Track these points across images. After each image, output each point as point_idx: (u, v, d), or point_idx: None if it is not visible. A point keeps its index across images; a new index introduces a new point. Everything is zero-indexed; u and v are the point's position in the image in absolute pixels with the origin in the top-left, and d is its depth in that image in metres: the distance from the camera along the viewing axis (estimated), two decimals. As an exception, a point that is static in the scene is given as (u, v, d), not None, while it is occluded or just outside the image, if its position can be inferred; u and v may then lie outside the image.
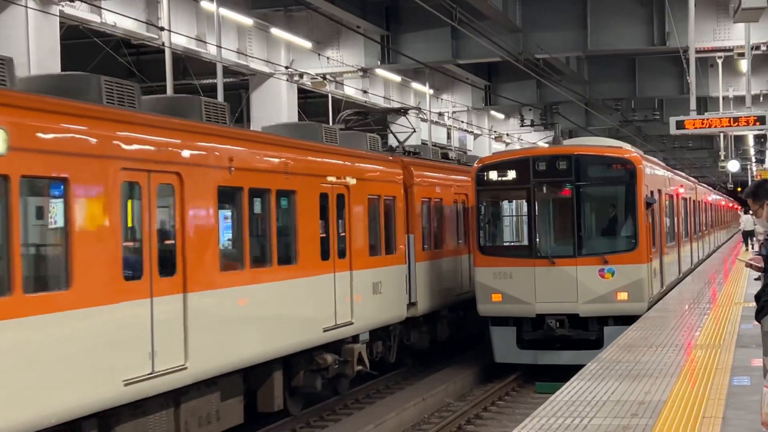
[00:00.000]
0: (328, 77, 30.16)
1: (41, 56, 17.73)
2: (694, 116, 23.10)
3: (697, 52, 24.78)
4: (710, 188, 57.46)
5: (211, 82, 27.13)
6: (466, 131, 44.19)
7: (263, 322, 14.46)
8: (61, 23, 19.23)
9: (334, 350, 17.08)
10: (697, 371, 12.59)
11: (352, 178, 17.83)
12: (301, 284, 15.62)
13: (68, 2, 19.15)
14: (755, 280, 20.68)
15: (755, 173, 60.74)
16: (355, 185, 17.89)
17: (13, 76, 10.53)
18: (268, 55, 28.03)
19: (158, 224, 12.13)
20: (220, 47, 23.06)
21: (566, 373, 15.06)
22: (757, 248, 32.07)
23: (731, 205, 78.10)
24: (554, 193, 20.96)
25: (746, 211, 54.58)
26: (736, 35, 27.17)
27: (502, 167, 21.16)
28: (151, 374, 11.62)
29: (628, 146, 22.84)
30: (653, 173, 23.40)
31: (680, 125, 22.85)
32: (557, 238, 21.09)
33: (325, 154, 17.18)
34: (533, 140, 49.40)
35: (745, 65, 27.45)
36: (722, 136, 43.18)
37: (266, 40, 27.80)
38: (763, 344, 8.74)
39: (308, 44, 27.78)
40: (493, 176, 21.15)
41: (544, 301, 20.17)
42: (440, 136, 41.45)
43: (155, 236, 11.98)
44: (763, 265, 9.22)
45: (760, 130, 25.64)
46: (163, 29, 21.26)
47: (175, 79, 23.18)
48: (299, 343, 15.67)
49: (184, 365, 12.26)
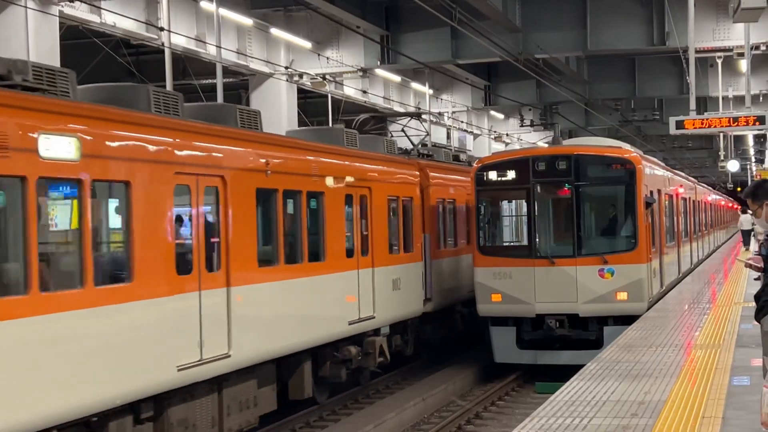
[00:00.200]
0: (327, 77, 30.16)
1: (41, 56, 17.70)
2: (693, 116, 23.10)
3: (696, 52, 24.78)
4: (710, 188, 57.47)
5: (210, 82, 27.13)
6: (465, 131, 44.19)
7: (295, 315, 15.48)
8: (60, 23, 19.23)
9: (357, 342, 18.06)
10: (696, 371, 12.60)
11: (373, 180, 18.95)
12: (328, 280, 16.71)
13: (68, 2, 19.16)
14: (755, 279, 20.68)
15: (755, 173, 60.72)
16: (376, 187, 18.98)
17: (75, 88, 11.48)
18: (267, 55, 28.02)
19: (205, 223, 13.21)
20: (219, 47, 23.06)
21: (566, 373, 15.06)
22: (756, 248, 32.09)
23: (731, 205, 78.09)
24: (554, 193, 20.97)
25: (744, 210, 54.63)
26: (735, 35, 27.17)
27: (501, 167, 21.17)
28: (199, 361, 12.63)
29: (627, 146, 22.85)
30: (653, 173, 23.40)
31: (680, 125, 22.85)
32: (557, 238, 21.08)
33: (349, 157, 18.30)
34: (533, 140, 49.40)
35: (744, 65, 27.45)
36: (722, 136, 43.17)
37: (266, 40, 27.80)
38: (762, 344, 8.73)
39: (308, 44, 27.78)
40: (492, 176, 21.16)
41: (543, 301, 20.18)
42: (440, 136, 41.45)
43: (203, 234, 13.05)
44: (762, 265, 9.22)
45: (759, 130, 25.64)
46: (162, 29, 21.25)
47: (174, 79, 23.16)
48: (327, 335, 16.71)
49: (227, 353, 13.25)
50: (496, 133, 46.89)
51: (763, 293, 8.58)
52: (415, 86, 36.86)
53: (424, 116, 31.59)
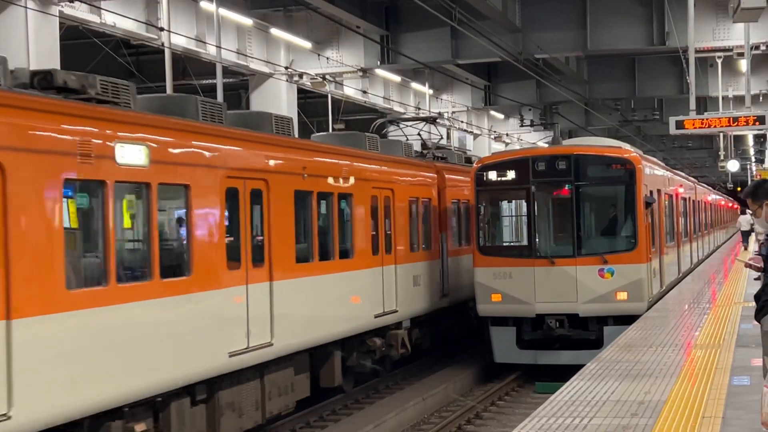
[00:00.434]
0: (327, 77, 30.15)
1: (41, 57, 17.72)
2: (693, 116, 23.11)
3: (696, 52, 24.78)
4: (710, 188, 57.46)
5: (210, 82, 27.13)
6: (465, 131, 44.18)
7: (327, 308, 16.63)
8: (60, 23, 19.22)
9: (381, 335, 19.24)
10: (696, 371, 12.60)
11: (395, 182, 20.18)
12: (356, 276, 17.95)
13: (68, 2, 19.15)
14: (755, 279, 20.70)
15: (755, 173, 60.70)
16: (398, 188, 20.22)
17: (135, 99, 12.43)
18: (267, 55, 28.02)
19: (251, 222, 14.31)
20: (219, 47, 23.06)
21: (566, 373, 15.06)
22: (756, 248, 32.10)
23: (731, 204, 78.08)
24: (554, 193, 20.97)
25: (743, 211, 54.61)
26: (735, 35, 27.17)
27: (501, 167, 21.17)
28: (246, 349, 13.76)
29: (627, 146, 22.84)
30: (653, 173, 23.40)
31: (680, 125, 22.86)
32: (557, 238, 21.08)
33: (374, 161, 19.43)
34: (533, 140, 49.39)
35: (744, 65, 27.46)
36: (722, 135, 43.15)
37: (266, 40, 27.80)
38: (762, 344, 8.74)
39: (308, 44, 27.78)
40: (492, 176, 21.16)
41: (543, 301, 20.18)
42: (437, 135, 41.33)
43: (249, 232, 14.15)
44: (762, 265, 9.22)
45: (759, 129, 25.64)
46: (162, 29, 21.25)
47: (174, 79, 23.16)
48: (355, 327, 17.90)
49: (270, 342, 14.40)
50: (496, 133, 46.87)
51: (763, 293, 8.58)
52: (415, 86, 36.85)
53: (438, 120, 32.13)
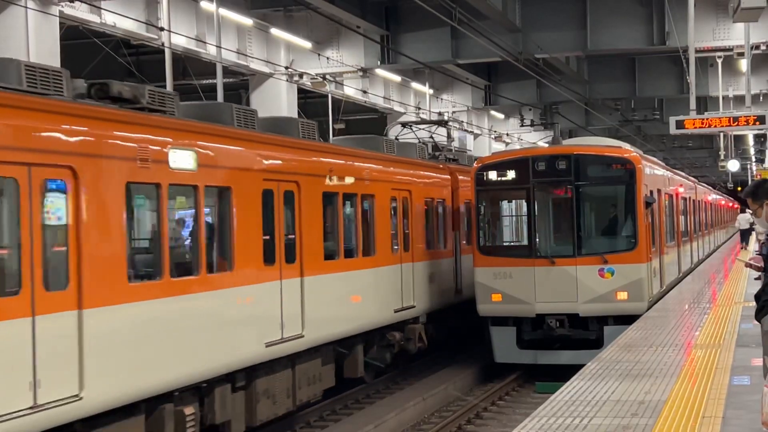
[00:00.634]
0: (327, 77, 30.16)
1: (41, 57, 17.70)
2: (693, 116, 23.11)
3: (696, 51, 24.78)
4: (710, 188, 57.44)
5: (210, 82, 27.13)
6: (466, 131, 44.18)
7: (351, 303, 17.62)
8: (60, 24, 19.22)
9: (399, 329, 20.17)
10: (697, 371, 12.60)
11: (413, 183, 21.14)
12: (378, 273, 18.92)
13: (68, 3, 19.15)
14: (755, 279, 20.68)
15: (755, 173, 60.68)
16: (415, 190, 21.16)
17: (179, 107, 13.23)
18: (267, 55, 28.02)
19: (284, 222, 15.17)
20: (219, 47, 23.07)
21: (566, 372, 15.06)
22: (756, 248, 32.08)
23: (731, 204, 78.07)
24: (554, 192, 20.96)
25: (743, 210, 54.58)
26: (735, 35, 27.17)
27: (501, 167, 21.16)
28: (281, 339, 14.69)
29: (627, 146, 22.83)
30: (653, 173, 23.39)
31: (680, 125, 22.86)
32: (557, 237, 21.07)
33: (394, 163, 20.44)
34: (533, 140, 49.39)
35: (744, 65, 27.45)
36: (722, 135, 43.15)
37: (266, 40, 27.80)
38: (763, 344, 8.74)
39: (308, 44, 27.78)
40: (492, 176, 21.15)
41: (543, 300, 20.17)
42: (440, 136, 41.35)
43: (282, 231, 15.05)
44: (762, 264, 9.22)
45: (759, 129, 25.64)
46: (162, 29, 21.26)
47: (174, 79, 23.17)
48: (377, 321, 18.86)
49: (301, 334, 15.33)
50: (496, 132, 46.88)
51: (763, 293, 8.58)
52: (415, 86, 36.85)
53: (450, 123, 32.60)
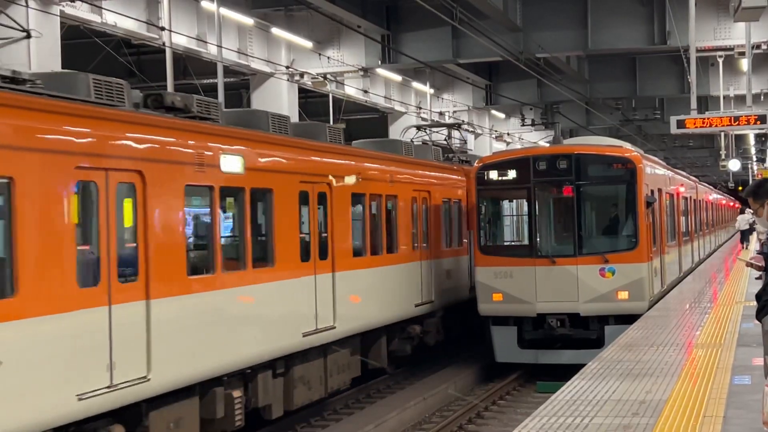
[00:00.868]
0: (328, 77, 30.15)
1: (42, 56, 17.71)
2: (694, 115, 23.09)
3: (697, 51, 24.76)
4: (711, 187, 57.41)
5: (211, 81, 27.12)
6: (467, 131, 44.15)
7: (377, 297, 18.60)
8: (61, 23, 19.21)
9: (419, 322, 21.07)
10: (698, 370, 12.60)
11: (432, 184, 22.10)
12: (400, 269, 19.95)
13: (69, 2, 19.14)
14: (756, 279, 20.64)
15: (756, 172, 60.71)
16: (434, 190, 22.11)
17: (222, 114, 14.19)
18: (268, 54, 28.02)
19: (319, 221, 16.23)
20: (220, 47, 23.06)
21: (567, 372, 15.07)
22: (757, 247, 32.07)
23: (732, 204, 78.05)
24: (555, 192, 20.95)
25: (742, 210, 54.53)
26: (736, 34, 27.15)
27: (502, 167, 21.16)
28: (315, 330, 15.78)
29: (628, 145, 22.84)
30: (653, 172, 23.39)
31: (681, 124, 22.83)
32: (558, 237, 21.07)
33: (414, 165, 21.47)
34: (534, 139, 49.38)
35: (745, 64, 27.43)
36: (723, 135, 43.10)
37: (267, 39, 27.79)
38: (763, 343, 8.74)
39: (309, 44, 27.77)
40: (493, 176, 21.15)
41: (544, 300, 20.17)
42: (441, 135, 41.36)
43: (316, 230, 16.11)
44: (763, 264, 9.21)
45: (760, 129, 25.61)
46: (163, 29, 21.25)
47: (175, 79, 23.15)
48: (399, 314, 19.83)
49: (333, 325, 16.42)
50: (497, 132, 46.87)
51: (764, 292, 8.58)
52: (416, 86, 36.84)
53: (463, 126, 33.06)
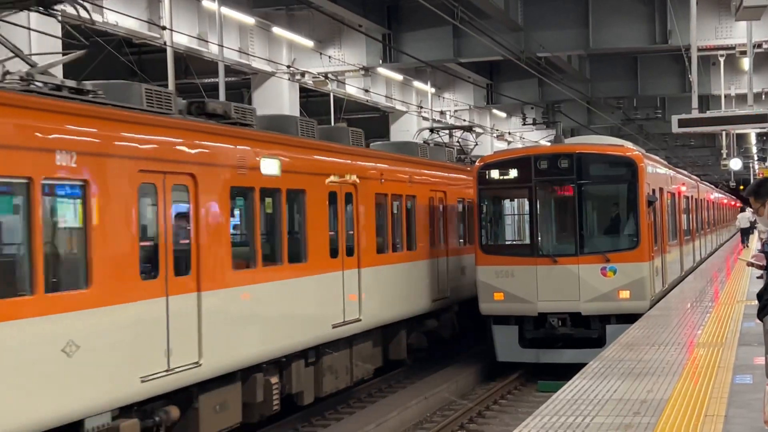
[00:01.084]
0: (329, 76, 30.15)
1: (42, 56, 17.68)
2: (696, 114, 23.07)
3: (699, 50, 24.74)
4: (712, 186, 57.41)
5: (212, 81, 27.13)
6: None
7: (398, 292, 19.51)
8: (62, 23, 19.17)
9: (435, 317, 21.97)
10: (699, 369, 12.59)
11: (447, 185, 22.97)
12: (419, 266, 20.87)
13: (70, 1, 19.10)
14: (757, 278, 20.62)
15: (757, 171, 60.69)
16: (449, 191, 23.07)
17: (256, 118, 15.09)
18: (269, 54, 28.02)
19: (345, 219, 17.26)
20: (221, 46, 23.06)
21: (568, 371, 15.05)
22: (758, 246, 32.04)
23: (733, 203, 78.04)
24: (556, 191, 20.93)
25: (743, 209, 54.51)
26: (738, 33, 27.14)
27: (503, 166, 21.14)
28: (343, 322, 16.77)
29: (629, 145, 22.82)
30: (655, 171, 23.37)
31: (682, 123, 22.81)
32: (559, 236, 21.04)
33: (432, 166, 22.41)
34: (535, 139, 49.39)
35: (747, 63, 27.44)
36: (724, 134, 43.13)
37: (268, 39, 27.80)
38: (765, 342, 8.73)
39: (310, 43, 27.77)
40: (494, 175, 21.13)
41: (546, 299, 20.15)
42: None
43: (344, 227, 17.20)
44: (765, 262, 9.20)
45: (762, 128, 25.60)
46: (164, 28, 21.24)
47: (176, 78, 23.14)
48: (417, 309, 20.70)
49: (359, 318, 17.46)
50: (498, 131, 46.88)
51: (765, 291, 8.58)
52: (417, 85, 36.85)
53: (475, 128, 33.30)
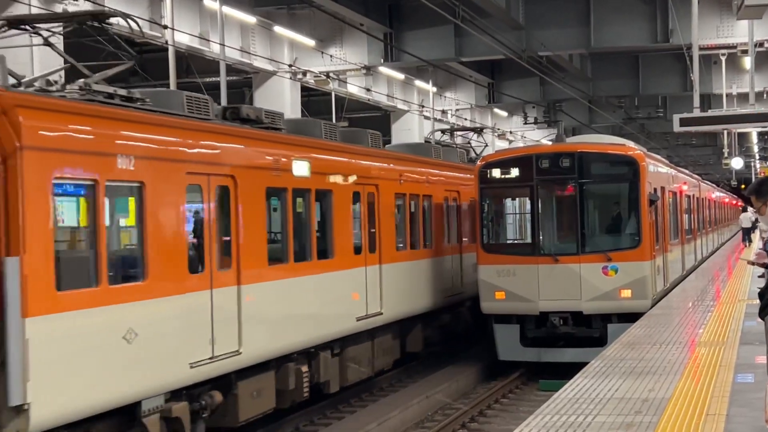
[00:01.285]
0: (331, 75, 30.16)
1: (43, 56, 17.70)
2: (697, 113, 23.07)
3: (700, 49, 24.75)
4: (714, 185, 57.38)
5: (214, 80, 27.12)
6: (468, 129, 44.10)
7: (417, 287, 20.42)
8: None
9: (449, 312, 22.97)
10: (700, 368, 12.59)
11: (460, 185, 23.67)
12: (435, 262, 21.79)
13: (71, 1, 19.14)
14: (759, 277, 20.66)
15: (759, 170, 60.69)
16: (462, 190, 23.71)
17: (283, 123, 15.72)
18: (271, 53, 28.03)
19: (368, 217, 18.12)
20: (223, 45, 23.06)
21: (570, 370, 15.05)
22: (760, 245, 32.02)
23: (734, 202, 77.99)
24: (557, 190, 20.93)
25: (745, 209, 54.50)
26: (739, 32, 27.14)
27: (505, 165, 21.13)
28: (365, 316, 17.68)
29: (631, 143, 22.80)
30: (656, 170, 23.36)
31: (684, 122, 22.81)
32: (560, 235, 21.03)
33: (446, 167, 23.20)
34: (536, 138, 49.37)
35: (748, 62, 27.44)
36: (726, 133, 43.10)
37: (269, 38, 27.80)
38: (766, 341, 8.73)
39: (311, 42, 27.78)
40: (496, 174, 21.12)
41: (547, 298, 20.15)
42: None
43: (366, 225, 17.93)
44: (766, 261, 9.20)
45: (763, 127, 25.59)
46: (166, 28, 21.26)
47: (178, 77, 23.15)
48: (433, 304, 21.47)
49: (380, 311, 18.31)
50: (499, 130, 46.87)
51: (766, 290, 8.57)
52: (418, 84, 36.86)
53: (485, 130, 33.63)
